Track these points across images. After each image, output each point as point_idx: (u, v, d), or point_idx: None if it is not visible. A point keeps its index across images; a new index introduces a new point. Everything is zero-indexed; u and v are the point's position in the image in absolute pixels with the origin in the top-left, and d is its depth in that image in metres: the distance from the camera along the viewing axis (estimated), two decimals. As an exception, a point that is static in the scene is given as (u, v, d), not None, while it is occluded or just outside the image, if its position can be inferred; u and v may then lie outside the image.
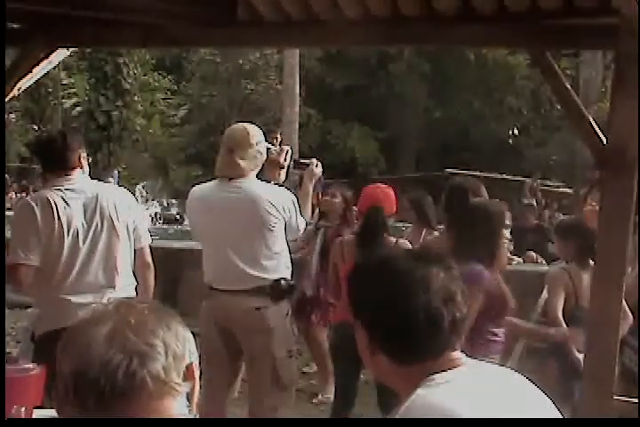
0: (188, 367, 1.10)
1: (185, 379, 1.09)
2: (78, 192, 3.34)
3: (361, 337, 1.49)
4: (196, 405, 1.11)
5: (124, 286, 3.41)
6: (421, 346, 1.43)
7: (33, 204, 3.27)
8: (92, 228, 3.32)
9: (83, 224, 3.30)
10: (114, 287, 3.36)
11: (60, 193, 3.31)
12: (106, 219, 3.34)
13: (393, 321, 1.43)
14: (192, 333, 1.17)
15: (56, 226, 3.24)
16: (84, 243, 3.29)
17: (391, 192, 4.23)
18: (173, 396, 1.07)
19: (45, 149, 3.47)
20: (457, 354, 1.47)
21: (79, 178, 3.40)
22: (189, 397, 1.10)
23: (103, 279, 3.35)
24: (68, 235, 3.26)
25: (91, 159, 3.60)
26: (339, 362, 4.17)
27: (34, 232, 3.23)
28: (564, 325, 3.85)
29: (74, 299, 3.26)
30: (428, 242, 4.40)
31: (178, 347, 1.09)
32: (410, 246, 4.14)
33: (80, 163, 3.42)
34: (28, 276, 3.24)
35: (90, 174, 3.55)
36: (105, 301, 3.26)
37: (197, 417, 1.12)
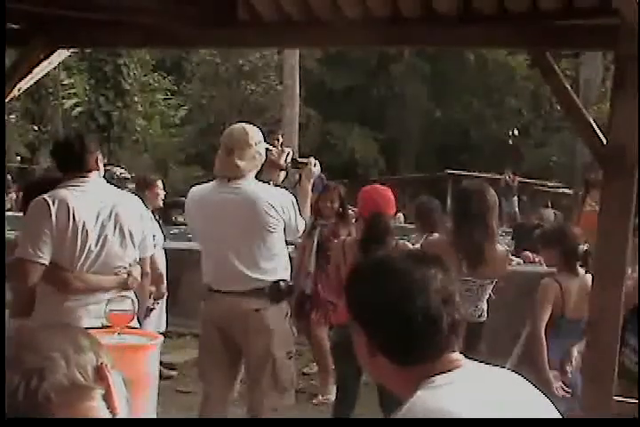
0: (98, 370, 1.09)
1: (96, 381, 1.08)
2: (93, 195, 3.31)
3: (359, 339, 1.48)
4: (116, 406, 1.10)
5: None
6: (421, 347, 1.43)
7: (49, 201, 3.21)
8: (104, 232, 3.28)
9: (95, 227, 3.26)
10: (117, 289, 3.36)
11: (76, 194, 3.28)
12: (117, 225, 3.31)
13: (392, 322, 1.43)
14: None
15: (70, 226, 3.20)
16: (94, 246, 3.26)
17: (390, 194, 4.20)
18: (87, 400, 1.07)
19: (63, 150, 3.44)
20: (456, 355, 1.47)
21: (95, 181, 3.38)
22: (106, 398, 1.09)
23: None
24: (79, 236, 3.22)
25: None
26: (340, 363, 4.16)
27: (47, 230, 3.18)
28: (543, 338, 3.83)
29: (80, 297, 3.26)
30: (428, 243, 4.38)
31: (79, 353, 1.08)
32: (410, 248, 4.13)
33: (97, 165, 3.40)
34: (33, 273, 3.18)
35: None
36: (106, 301, 3.27)
37: (118, 417, 1.11)
